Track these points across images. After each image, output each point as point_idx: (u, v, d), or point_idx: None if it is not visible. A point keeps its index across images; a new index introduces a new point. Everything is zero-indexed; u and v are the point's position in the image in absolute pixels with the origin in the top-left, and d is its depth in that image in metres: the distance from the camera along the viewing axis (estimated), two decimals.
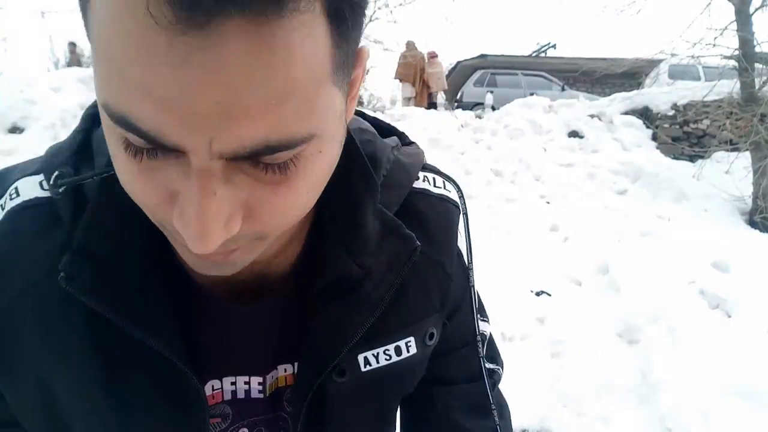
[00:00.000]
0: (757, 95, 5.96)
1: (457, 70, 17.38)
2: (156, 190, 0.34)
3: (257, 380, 0.51)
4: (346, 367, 0.50)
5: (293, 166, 0.34)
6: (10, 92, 6.69)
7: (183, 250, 0.39)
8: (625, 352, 3.79)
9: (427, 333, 0.54)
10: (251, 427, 0.53)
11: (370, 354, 0.51)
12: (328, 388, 0.50)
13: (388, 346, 0.51)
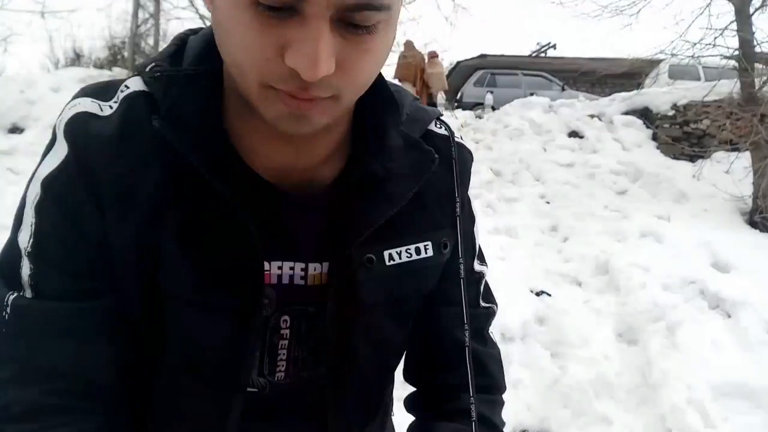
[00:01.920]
0: (757, 95, 5.96)
1: (457, 70, 17.38)
2: (270, 45, 0.45)
3: (300, 266, 0.60)
4: (374, 258, 0.60)
5: (375, 31, 0.46)
6: (10, 92, 6.69)
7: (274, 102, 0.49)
8: (625, 352, 3.79)
9: (442, 242, 0.65)
10: (292, 317, 0.60)
11: (394, 251, 0.61)
12: (358, 276, 0.59)
13: (409, 246, 0.62)
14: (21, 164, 5.46)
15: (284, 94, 0.48)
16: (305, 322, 0.61)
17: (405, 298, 0.64)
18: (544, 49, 21.28)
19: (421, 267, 0.63)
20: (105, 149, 0.54)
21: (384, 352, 0.67)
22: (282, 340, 0.61)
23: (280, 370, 0.62)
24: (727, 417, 2.98)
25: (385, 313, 0.63)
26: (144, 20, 8.38)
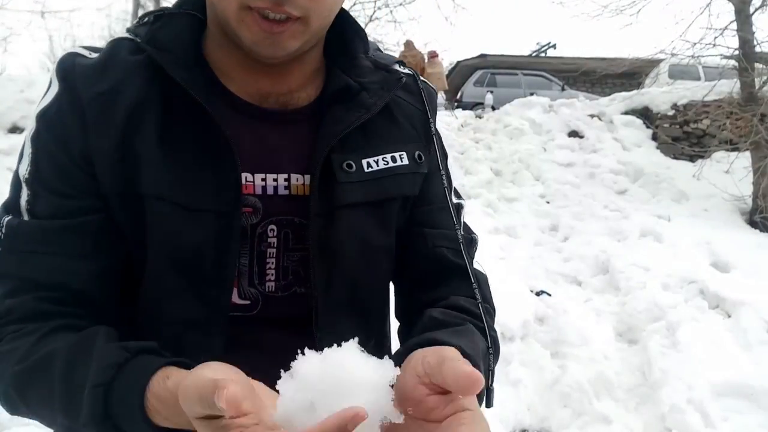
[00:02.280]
0: (757, 95, 5.96)
1: (457, 70, 17.38)
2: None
3: (283, 177, 0.64)
4: (353, 164, 0.65)
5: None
6: (10, 92, 6.69)
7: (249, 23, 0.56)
8: (625, 352, 3.79)
9: (416, 154, 0.70)
10: (279, 227, 0.64)
11: (371, 160, 0.66)
12: (339, 178, 0.63)
13: (385, 155, 0.67)
14: None
15: (259, 16, 0.56)
16: (292, 231, 0.64)
17: (385, 201, 0.68)
18: (544, 49, 21.29)
19: (398, 173, 0.68)
20: (88, 75, 0.62)
21: (370, 255, 0.67)
22: (270, 249, 0.63)
23: (270, 280, 0.64)
24: (727, 417, 2.98)
25: (367, 214, 0.66)
26: None
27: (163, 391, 0.49)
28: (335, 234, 0.64)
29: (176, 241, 0.60)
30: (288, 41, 0.58)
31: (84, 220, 0.60)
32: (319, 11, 0.58)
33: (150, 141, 0.60)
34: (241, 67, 0.64)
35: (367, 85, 0.68)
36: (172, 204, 0.59)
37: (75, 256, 0.59)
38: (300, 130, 0.66)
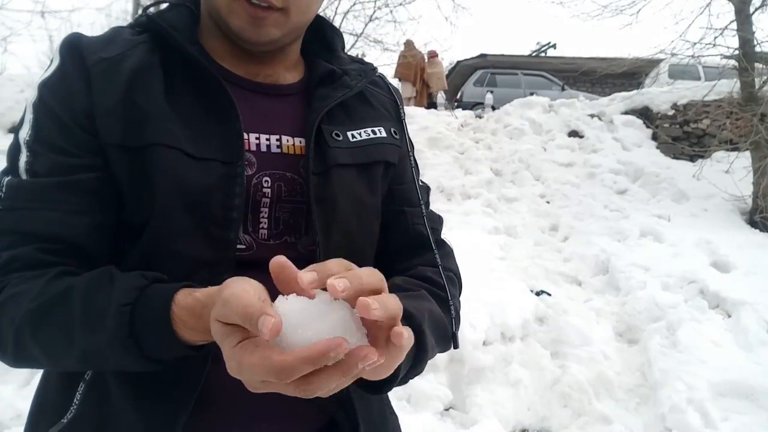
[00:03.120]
0: (757, 95, 5.95)
1: (457, 69, 17.38)
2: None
3: (275, 137, 0.71)
4: (340, 135, 0.74)
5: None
6: (10, 92, 6.69)
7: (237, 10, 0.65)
8: (625, 352, 3.79)
9: (391, 129, 0.81)
10: (273, 179, 0.70)
11: (355, 132, 0.76)
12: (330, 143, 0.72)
13: (366, 129, 0.77)
14: None
15: (246, 3, 0.65)
16: (284, 184, 0.70)
17: (371, 165, 0.76)
18: (544, 49, 21.27)
19: (379, 143, 0.78)
20: (93, 44, 0.68)
21: (361, 209, 0.75)
22: (264, 198, 0.69)
23: (263, 228, 0.69)
24: (727, 417, 2.98)
25: (357, 174, 0.75)
26: None
27: (192, 300, 0.53)
28: (330, 189, 0.71)
29: (185, 186, 0.64)
30: (270, 28, 0.68)
31: (81, 177, 0.63)
32: (298, 5, 0.68)
33: (156, 98, 0.66)
34: (231, 54, 0.74)
35: (348, 71, 0.80)
36: (181, 152, 0.64)
37: (72, 212, 0.62)
38: (289, 102, 0.76)
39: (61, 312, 0.57)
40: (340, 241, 0.71)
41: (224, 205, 0.65)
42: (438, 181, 6.21)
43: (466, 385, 3.22)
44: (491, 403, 3.14)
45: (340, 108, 0.75)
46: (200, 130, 0.66)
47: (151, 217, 0.63)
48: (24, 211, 0.62)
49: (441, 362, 3.21)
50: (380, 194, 0.78)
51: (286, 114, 0.74)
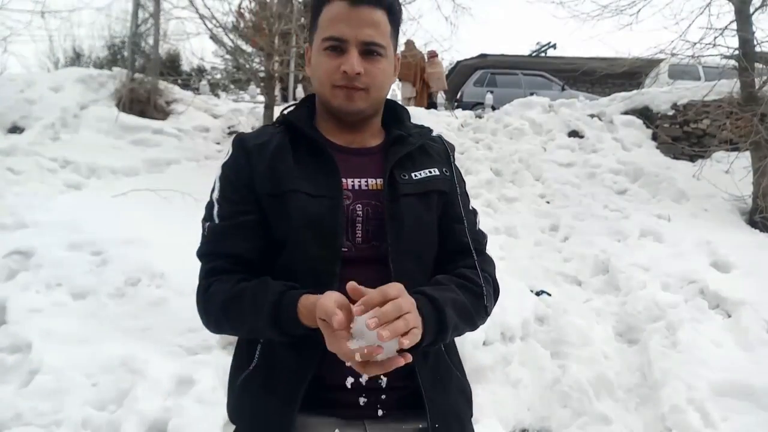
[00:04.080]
0: (757, 95, 5.95)
1: (457, 70, 17.38)
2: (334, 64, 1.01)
3: (363, 180, 1.07)
4: (409, 174, 1.08)
5: (378, 58, 1.02)
6: (10, 92, 6.69)
7: (335, 94, 1.03)
8: (625, 352, 3.79)
9: (443, 170, 1.14)
10: (363, 206, 1.05)
11: (418, 172, 1.10)
12: (399, 182, 1.06)
13: (424, 170, 1.11)
14: (21, 164, 5.45)
15: (341, 87, 1.03)
16: (371, 209, 1.05)
17: (428, 193, 1.09)
18: (544, 49, 21.26)
19: (434, 178, 1.11)
20: (251, 137, 1.10)
21: (420, 225, 1.06)
22: (358, 218, 1.04)
23: (358, 237, 1.04)
24: (727, 417, 2.98)
25: (417, 200, 1.07)
26: (144, 20, 8.35)
27: (308, 302, 0.90)
28: (399, 210, 1.04)
29: (307, 213, 1.00)
30: (358, 102, 1.04)
31: (247, 218, 1.03)
32: (375, 86, 1.05)
33: (288, 163, 1.04)
34: (336, 129, 1.11)
35: (412, 134, 1.14)
36: (304, 194, 1.01)
37: (243, 240, 1.03)
38: (373, 158, 1.10)
39: (239, 304, 0.97)
40: (407, 246, 1.03)
41: (333, 222, 1.01)
42: None
43: None
44: (491, 403, 3.14)
45: (407, 158, 1.09)
46: (315, 179, 1.03)
47: (289, 235, 1.01)
48: (218, 242, 1.05)
49: None
50: (436, 213, 1.10)
51: (371, 165, 1.08)
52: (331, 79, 1.02)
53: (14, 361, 2.89)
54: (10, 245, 3.65)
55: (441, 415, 1.01)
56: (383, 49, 1.03)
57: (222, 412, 2.76)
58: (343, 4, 1.00)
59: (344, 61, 1.00)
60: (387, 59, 1.05)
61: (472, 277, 1.05)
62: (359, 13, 1.00)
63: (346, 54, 1.00)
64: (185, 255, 3.76)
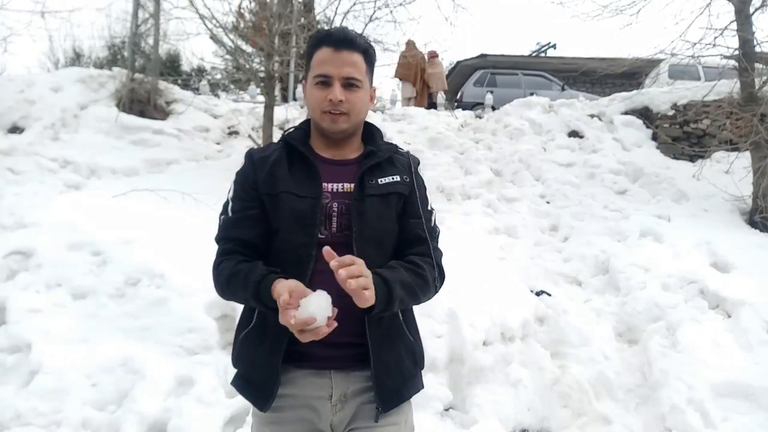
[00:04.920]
0: (757, 95, 5.95)
1: (457, 70, 17.37)
2: (323, 94, 1.32)
3: (340, 185, 1.35)
4: (375, 180, 1.36)
5: (356, 89, 1.33)
6: (10, 92, 6.68)
7: (323, 118, 1.34)
8: (625, 352, 3.79)
9: (403, 177, 1.41)
10: (338, 204, 1.33)
11: (382, 178, 1.37)
12: (366, 185, 1.34)
13: (387, 177, 1.38)
14: (21, 164, 5.45)
15: (328, 113, 1.32)
16: (344, 207, 1.33)
17: (389, 195, 1.37)
18: (544, 49, 21.25)
19: (395, 182, 1.39)
20: (257, 152, 1.43)
21: (382, 220, 1.35)
22: (333, 213, 1.32)
23: (333, 227, 1.32)
24: (727, 417, 2.98)
25: (380, 201, 1.35)
26: (144, 20, 8.35)
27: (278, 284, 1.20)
28: (363, 207, 1.32)
29: (294, 209, 1.30)
30: (342, 124, 1.34)
31: (251, 212, 1.35)
32: (354, 111, 1.34)
33: (283, 171, 1.35)
34: (324, 145, 1.40)
35: (382, 149, 1.43)
36: (293, 194, 1.31)
37: (249, 228, 1.34)
38: (350, 167, 1.38)
39: (236, 280, 1.27)
40: (369, 234, 1.32)
41: (313, 216, 1.30)
42: (438, 182, 6.21)
43: (466, 385, 3.22)
44: (491, 403, 3.14)
45: (375, 166, 1.38)
46: (303, 183, 1.33)
47: (280, 225, 1.31)
48: (229, 229, 1.36)
49: (441, 362, 3.21)
50: (395, 210, 1.38)
51: (348, 172, 1.37)
52: (320, 107, 1.32)
53: (14, 361, 2.89)
54: (10, 245, 3.65)
55: (383, 367, 1.31)
56: (360, 82, 1.33)
57: (222, 412, 2.77)
58: (328, 49, 1.32)
59: (330, 92, 1.31)
60: (363, 90, 1.35)
61: (420, 263, 1.33)
62: (341, 56, 1.31)
63: (332, 87, 1.31)
64: (185, 255, 3.78)
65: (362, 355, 1.29)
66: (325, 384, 1.31)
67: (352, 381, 1.32)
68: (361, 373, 1.31)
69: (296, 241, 1.29)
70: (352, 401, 1.32)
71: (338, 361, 1.31)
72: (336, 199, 1.33)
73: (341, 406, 1.31)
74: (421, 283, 1.32)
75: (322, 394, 1.31)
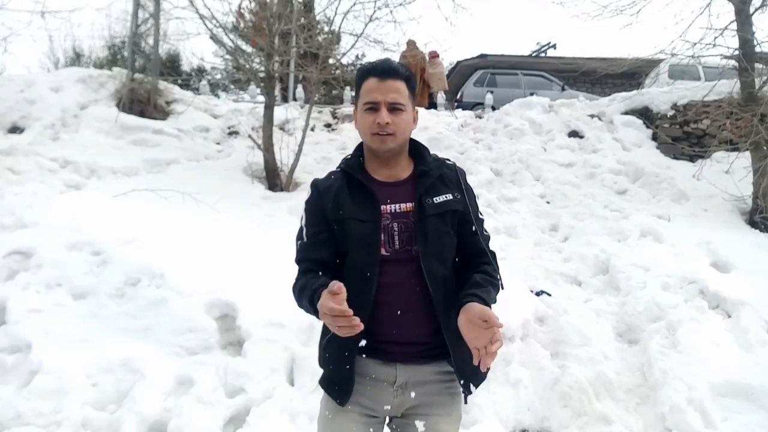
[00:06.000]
0: (757, 95, 5.95)
1: (457, 70, 17.37)
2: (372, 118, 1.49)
3: (398, 205, 1.52)
4: (431, 199, 1.52)
5: (400, 112, 1.50)
6: (10, 92, 6.69)
7: (373, 139, 1.51)
8: (625, 352, 3.79)
9: (455, 194, 1.56)
10: (398, 223, 1.49)
11: (437, 198, 1.53)
12: (425, 205, 1.51)
13: (441, 195, 1.54)
14: (21, 164, 5.46)
15: (377, 134, 1.49)
16: (404, 226, 1.50)
17: (446, 213, 1.52)
18: (544, 49, 21.24)
19: (449, 201, 1.54)
20: (322, 182, 1.61)
21: (441, 236, 1.50)
22: (394, 232, 1.49)
23: (395, 245, 1.49)
24: (727, 417, 2.97)
25: (438, 219, 1.51)
26: (144, 20, 8.35)
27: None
28: (425, 226, 1.48)
29: (358, 232, 1.48)
30: (388, 144, 1.49)
31: (322, 236, 1.52)
32: (399, 131, 1.49)
33: (346, 199, 1.52)
34: (378, 166, 1.56)
35: (432, 167, 1.58)
36: (356, 220, 1.49)
37: (321, 249, 1.51)
38: (404, 187, 1.54)
39: (302, 293, 1.45)
40: (432, 250, 1.47)
41: (374, 238, 1.48)
42: None
43: None
44: (491, 403, 3.14)
45: (430, 186, 1.53)
46: (364, 209, 1.50)
47: (348, 247, 1.49)
48: (305, 252, 1.54)
49: None
50: (451, 226, 1.53)
51: (403, 193, 1.53)
52: (370, 129, 1.49)
53: (14, 361, 2.89)
54: (10, 245, 3.65)
55: (461, 361, 1.47)
56: (404, 106, 1.50)
57: (222, 412, 2.77)
58: (375, 79, 1.50)
59: (378, 116, 1.47)
60: (407, 113, 1.51)
61: (491, 273, 1.53)
62: (386, 84, 1.49)
63: (379, 111, 1.47)
64: (185, 255, 3.77)
65: (425, 353, 1.50)
66: (390, 372, 1.50)
67: (413, 373, 1.50)
68: (423, 367, 1.52)
69: (362, 261, 1.47)
70: (412, 390, 1.51)
71: (403, 356, 1.50)
72: (396, 219, 1.50)
73: (402, 391, 1.51)
74: (496, 287, 1.51)
75: (387, 379, 1.50)
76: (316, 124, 8.20)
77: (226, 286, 3.49)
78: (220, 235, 4.29)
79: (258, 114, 7.67)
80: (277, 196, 6.08)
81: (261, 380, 2.98)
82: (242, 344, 3.22)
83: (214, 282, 3.50)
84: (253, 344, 3.18)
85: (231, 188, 5.81)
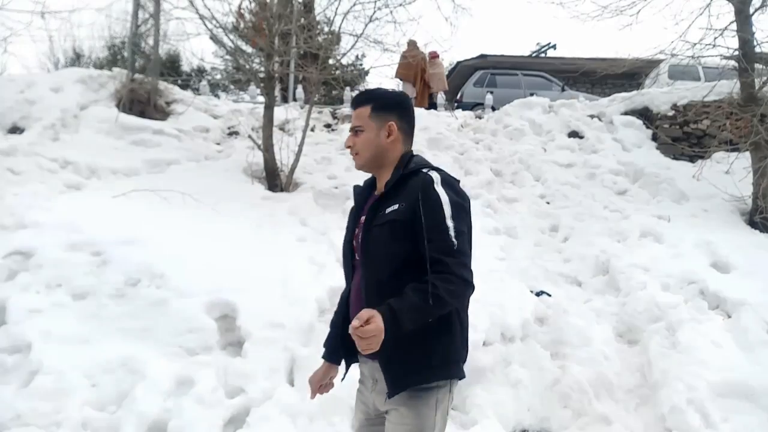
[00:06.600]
0: (757, 95, 5.95)
1: (457, 70, 17.36)
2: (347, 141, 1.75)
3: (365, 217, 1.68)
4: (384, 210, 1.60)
5: (360, 133, 1.69)
6: (10, 92, 6.68)
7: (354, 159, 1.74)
8: (625, 352, 3.79)
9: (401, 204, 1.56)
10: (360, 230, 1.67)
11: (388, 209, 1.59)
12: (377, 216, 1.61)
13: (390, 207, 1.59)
14: (21, 164, 5.45)
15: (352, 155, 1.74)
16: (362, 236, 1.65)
17: (392, 222, 1.56)
18: (544, 49, 21.23)
19: (391, 212, 1.58)
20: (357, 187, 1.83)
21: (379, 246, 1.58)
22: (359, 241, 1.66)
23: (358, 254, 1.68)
24: (727, 417, 2.98)
25: (379, 229, 1.59)
26: (144, 20, 8.34)
27: None
28: (367, 236, 1.62)
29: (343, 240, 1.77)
30: (357, 161, 1.70)
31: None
32: (361, 149, 1.67)
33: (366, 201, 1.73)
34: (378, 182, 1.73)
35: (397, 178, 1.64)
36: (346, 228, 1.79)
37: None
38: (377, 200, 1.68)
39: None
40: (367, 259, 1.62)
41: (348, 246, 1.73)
42: None
43: (466, 386, 3.22)
44: (491, 404, 3.14)
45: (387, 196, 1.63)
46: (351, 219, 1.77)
47: None
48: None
49: None
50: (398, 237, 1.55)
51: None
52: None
53: (14, 362, 2.89)
54: (10, 245, 3.65)
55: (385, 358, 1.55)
56: (362, 127, 1.67)
57: (222, 412, 2.77)
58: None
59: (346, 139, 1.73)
60: (366, 132, 1.66)
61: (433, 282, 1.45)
62: (353, 113, 1.70)
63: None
64: (185, 255, 3.78)
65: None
66: (366, 368, 1.68)
67: (376, 369, 1.61)
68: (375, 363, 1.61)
69: (344, 266, 1.75)
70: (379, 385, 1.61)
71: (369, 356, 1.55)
72: (362, 229, 1.65)
73: (374, 386, 1.65)
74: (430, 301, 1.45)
75: (367, 375, 1.69)
76: (316, 125, 8.20)
77: (226, 286, 3.49)
78: (220, 235, 4.29)
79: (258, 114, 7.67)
80: (277, 196, 6.08)
81: (261, 380, 2.98)
82: (242, 344, 3.22)
83: (214, 282, 3.50)
84: (253, 344, 3.18)
85: (231, 188, 5.80)
